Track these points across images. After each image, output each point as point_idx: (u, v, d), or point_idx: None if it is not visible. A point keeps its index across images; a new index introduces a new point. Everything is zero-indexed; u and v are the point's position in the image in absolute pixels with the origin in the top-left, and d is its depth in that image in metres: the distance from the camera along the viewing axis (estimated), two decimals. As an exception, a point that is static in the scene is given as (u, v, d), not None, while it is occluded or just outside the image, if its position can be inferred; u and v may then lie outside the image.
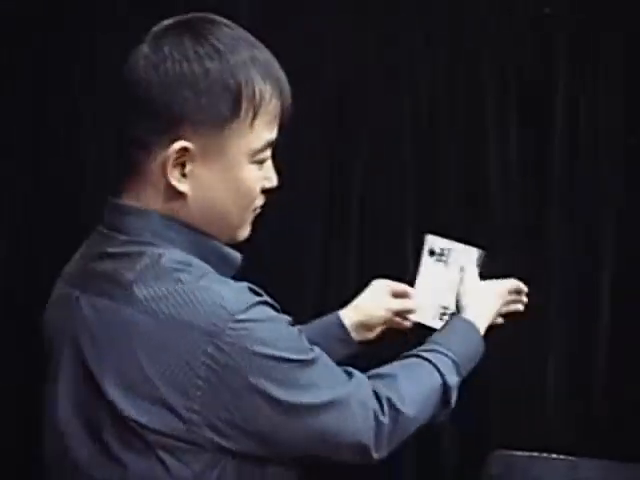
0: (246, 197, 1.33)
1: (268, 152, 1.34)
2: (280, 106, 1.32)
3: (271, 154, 1.35)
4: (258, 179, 1.33)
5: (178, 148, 1.26)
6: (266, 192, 1.37)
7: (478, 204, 2.33)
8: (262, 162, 1.33)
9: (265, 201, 1.38)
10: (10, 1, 2.46)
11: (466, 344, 1.58)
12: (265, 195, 1.37)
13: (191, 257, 1.28)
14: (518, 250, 2.31)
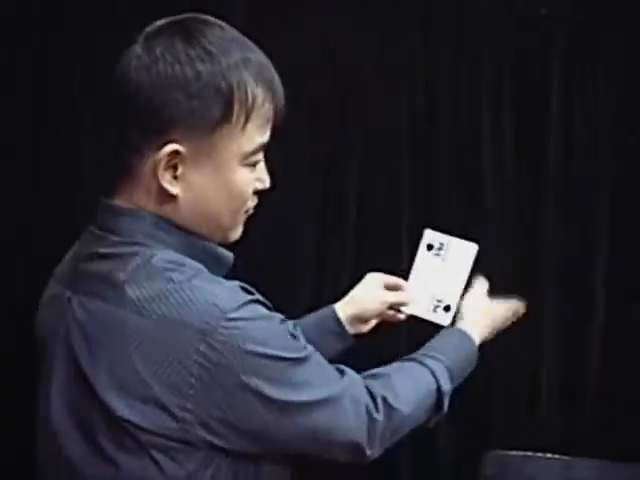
0: (238, 199, 1.32)
1: (260, 155, 1.33)
2: (273, 109, 1.30)
3: (265, 155, 1.34)
4: (250, 181, 1.33)
5: (169, 151, 1.25)
6: (259, 193, 1.36)
7: (474, 203, 2.33)
8: (254, 165, 1.32)
9: (258, 202, 1.37)
10: (10, 1, 2.46)
11: (462, 355, 1.60)
12: (258, 196, 1.36)
13: (183, 257, 1.28)
14: (513, 250, 2.31)
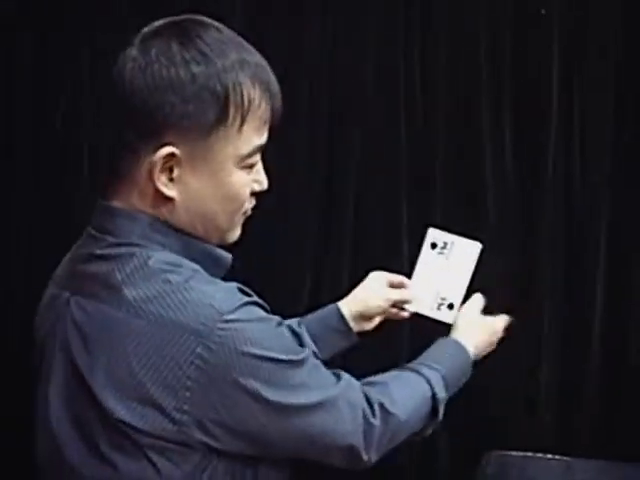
0: (235, 201, 1.32)
1: (257, 156, 1.32)
2: (270, 110, 1.30)
3: (262, 156, 1.33)
4: (247, 183, 1.32)
5: (165, 154, 1.25)
6: (257, 194, 1.36)
7: (473, 204, 2.33)
8: (251, 167, 1.32)
9: (256, 202, 1.37)
10: (10, 1, 2.46)
11: (456, 364, 1.61)
12: (256, 197, 1.36)
13: (180, 258, 1.28)
14: (513, 250, 2.31)
